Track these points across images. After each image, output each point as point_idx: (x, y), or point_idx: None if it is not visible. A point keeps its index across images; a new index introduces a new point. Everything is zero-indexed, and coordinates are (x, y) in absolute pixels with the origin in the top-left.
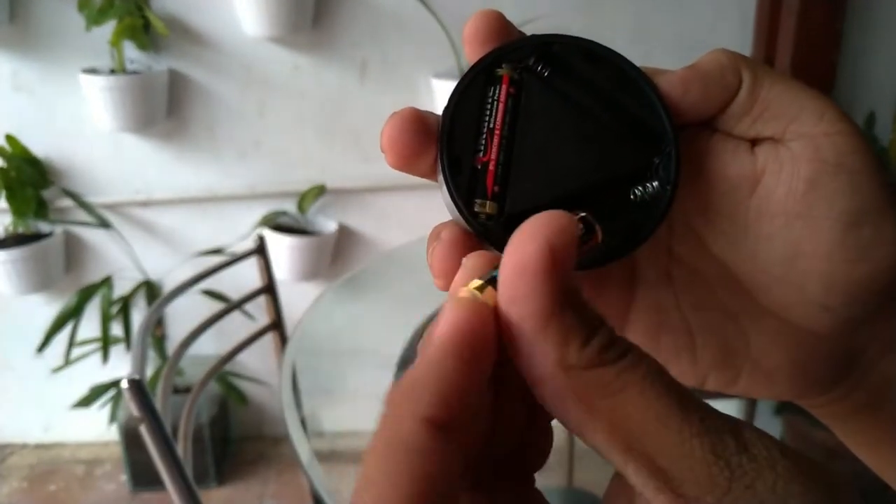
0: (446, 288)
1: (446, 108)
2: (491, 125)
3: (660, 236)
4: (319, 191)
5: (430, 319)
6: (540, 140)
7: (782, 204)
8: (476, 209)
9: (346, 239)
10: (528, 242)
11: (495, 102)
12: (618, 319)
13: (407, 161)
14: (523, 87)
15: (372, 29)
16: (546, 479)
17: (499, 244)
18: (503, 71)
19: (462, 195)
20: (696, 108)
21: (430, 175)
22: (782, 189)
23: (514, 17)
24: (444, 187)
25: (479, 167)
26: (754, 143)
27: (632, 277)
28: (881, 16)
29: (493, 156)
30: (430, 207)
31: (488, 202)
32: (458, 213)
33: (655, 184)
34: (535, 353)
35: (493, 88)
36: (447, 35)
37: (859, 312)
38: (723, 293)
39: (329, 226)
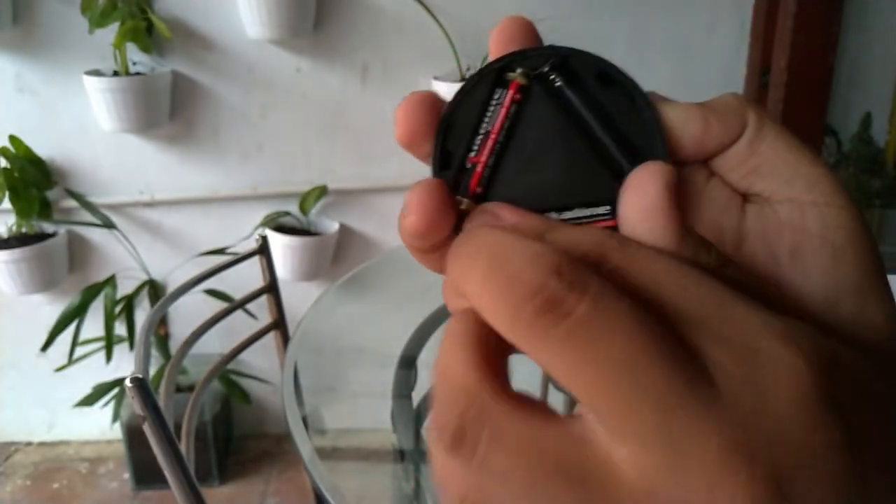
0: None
1: (451, 102)
2: (488, 128)
3: None
4: (321, 192)
5: (430, 318)
6: (532, 151)
7: (763, 267)
8: (461, 206)
9: (347, 239)
10: (649, 184)
11: (499, 106)
12: None
13: (410, 139)
14: (530, 96)
15: (373, 32)
16: None
17: None
18: (513, 76)
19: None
20: (696, 141)
21: (429, 161)
22: (764, 253)
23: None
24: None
25: (469, 166)
26: (746, 197)
27: None
28: (877, 19)
29: (484, 158)
30: None
31: (467, 201)
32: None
33: None
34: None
35: (500, 91)
36: (447, 38)
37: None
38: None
39: (330, 226)
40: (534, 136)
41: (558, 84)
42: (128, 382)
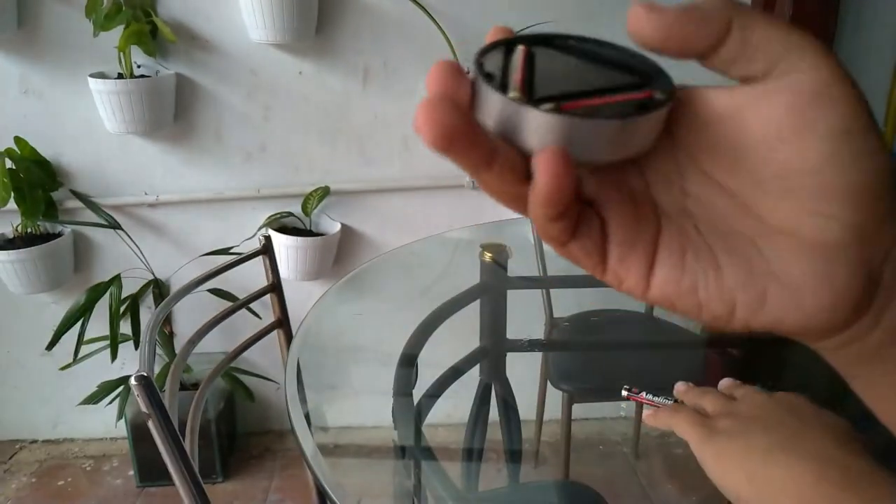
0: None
1: (476, 56)
2: (515, 65)
3: (671, 177)
4: (323, 193)
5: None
6: (556, 75)
7: (764, 130)
8: (510, 96)
9: (349, 239)
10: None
11: (516, 57)
12: (649, 245)
13: (445, 88)
14: (536, 53)
15: (374, 35)
16: (542, 473)
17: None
18: (519, 45)
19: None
20: (684, 44)
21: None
22: (763, 117)
23: (515, 24)
24: (480, 85)
25: (510, 81)
26: (745, 82)
27: (655, 213)
28: (872, 19)
29: (519, 76)
30: (431, 209)
31: (520, 94)
32: (495, 96)
33: (659, 92)
34: None
35: (513, 52)
36: (448, 41)
37: (862, 218)
38: (736, 220)
39: (332, 227)
40: (552, 65)
41: (552, 48)
42: (133, 380)
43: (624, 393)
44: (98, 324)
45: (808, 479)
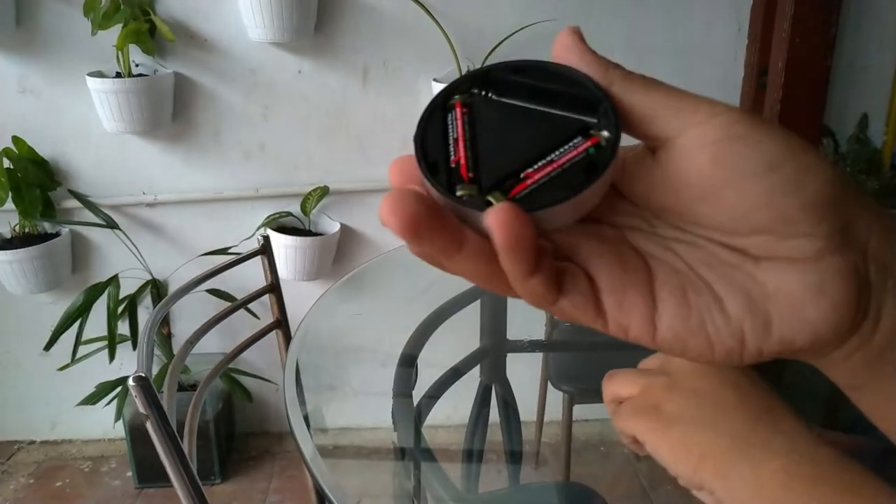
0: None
1: (416, 135)
2: (455, 136)
3: (643, 227)
4: (322, 192)
5: (430, 317)
6: (497, 134)
7: (701, 185)
8: (458, 193)
9: (348, 239)
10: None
11: (454, 121)
12: (643, 287)
13: (407, 180)
14: (473, 106)
15: (374, 34)
16: (543, 474)
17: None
18: (454, 100)
19: (444, 187)
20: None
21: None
22: (693, 174)
23: (511, 23)
24: (428, 185)
25: (453, 166)
26: (661, 143)
27: (640, 257)
28: (874, 20)
29: (462, 154)
30: None
31: (467, 186)
32: (445, 199)
33: (604, 133)
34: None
35: (449, 114)
36: (448, 40)
37: (829, 226)
38: (720, 255)
39: (332, 226)
40: (492, 126)
41: (490, 92)
42: (131, 381)
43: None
44: (96, 324)
45: (781, 479)
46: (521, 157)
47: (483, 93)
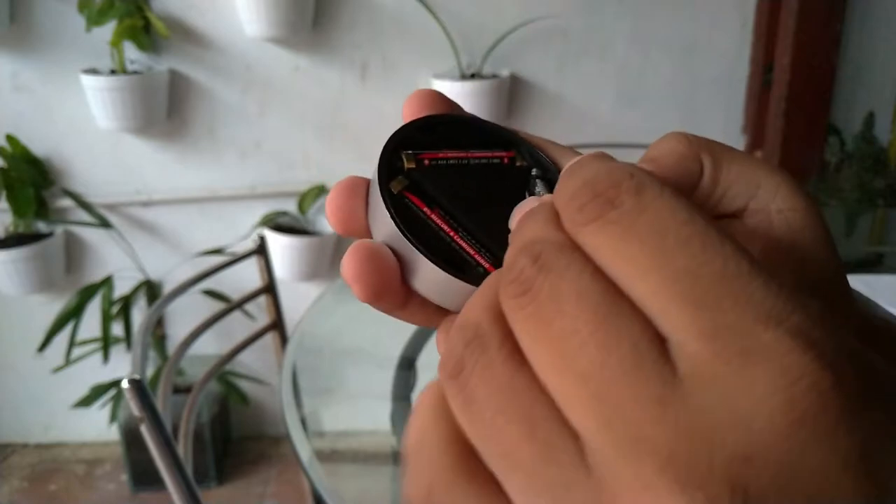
0: (342, 230)
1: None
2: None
3: None
4: (319, 191)
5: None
6: (463, 200)
7: None
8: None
9: (346, 239)
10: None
11: (413, 208)
12: None
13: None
14: (416, 183)
15: (372, 30)
16: None
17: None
18: (396, 185)
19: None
20: None
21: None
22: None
23: (514, 18)
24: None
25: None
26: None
27: None
28: (880, 17)
29: (462, 243)
30: None
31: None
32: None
33: (538, 189)
34: None
35: (405, 198)
36: (447, 36)
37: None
38: None
39: (329, 226)
40: (452, 192)
41: (427, 161)
42: (125, 383)
43: None
44: (90, 325)
45: None
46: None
47: (412, 162)
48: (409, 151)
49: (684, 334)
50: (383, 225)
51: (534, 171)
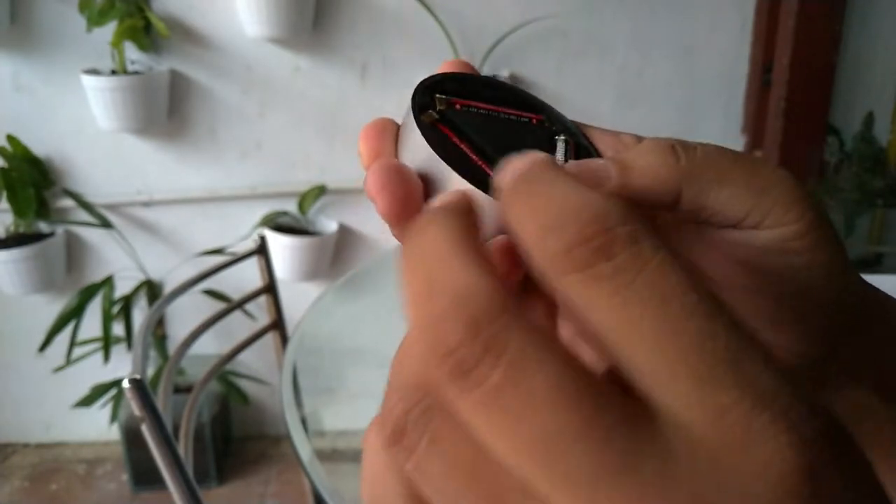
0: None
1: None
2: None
3: None
4: (320, 191)
5: None
6: (487, 139)
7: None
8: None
9: (346, 239)
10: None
11: (445, 137)
12: None
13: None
14: (452, 119)
15: (372, 30)
16: None
17: None
18: (428, 118)
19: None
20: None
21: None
22: (723, 268)
23: (512, 19)
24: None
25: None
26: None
27: None
28: (880, 17)
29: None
30: None
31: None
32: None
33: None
34: None
35: (437, 128)
36: (447, 36)
37: (831, 335)
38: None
39: (329, 226)
40: (476, 133)
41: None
42: (126, 383)
43: None
44: (91, 325)
45: None
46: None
47: (445, 102)
48: (442, 95)
49: (689, 415)
50: (416, 148)
51: (561, 136)
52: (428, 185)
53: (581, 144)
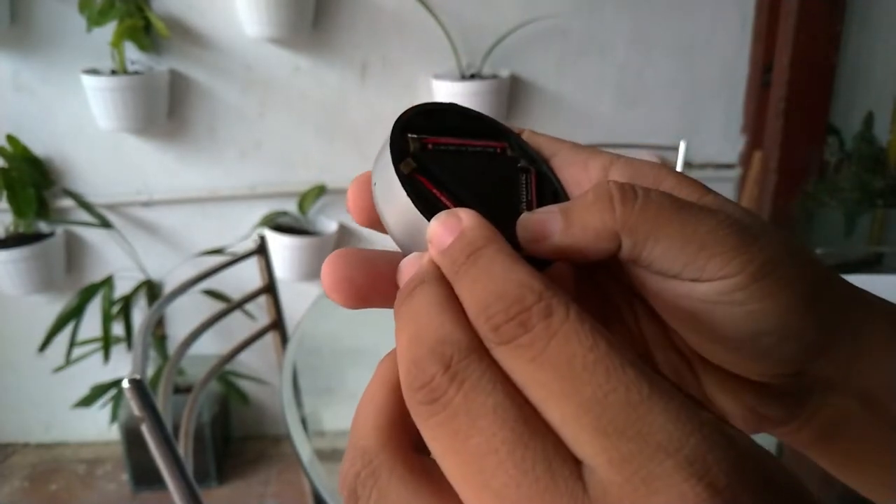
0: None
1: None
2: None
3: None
4: (320, 191)
5: None
6: (462, 180)
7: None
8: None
9: (346, 239)
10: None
11: (423, 188)
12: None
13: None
14: (427, 165)
15: (372, 30)
16: None
17: None
18: (405, 167)
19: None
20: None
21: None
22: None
23: (515, 18)
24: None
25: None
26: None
27: (605, 314)
28: (880, 17)
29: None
30: None
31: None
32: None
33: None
34: None
35: (415, 179)
36: (447, 36)
37: (798, 361)
38: (676, 338)
39: (329, 226)
40: (451, 174)
41: (426, 142)
42: (125, 383)
43: None
44: (91, 325)
45: None
46: (507, 202)
47: (418, 143)
48: (414, 135)
49: (595, 461)
50: (396, 201)
51: (521, 163)
52: (408, 232)
53: (542, 172)
